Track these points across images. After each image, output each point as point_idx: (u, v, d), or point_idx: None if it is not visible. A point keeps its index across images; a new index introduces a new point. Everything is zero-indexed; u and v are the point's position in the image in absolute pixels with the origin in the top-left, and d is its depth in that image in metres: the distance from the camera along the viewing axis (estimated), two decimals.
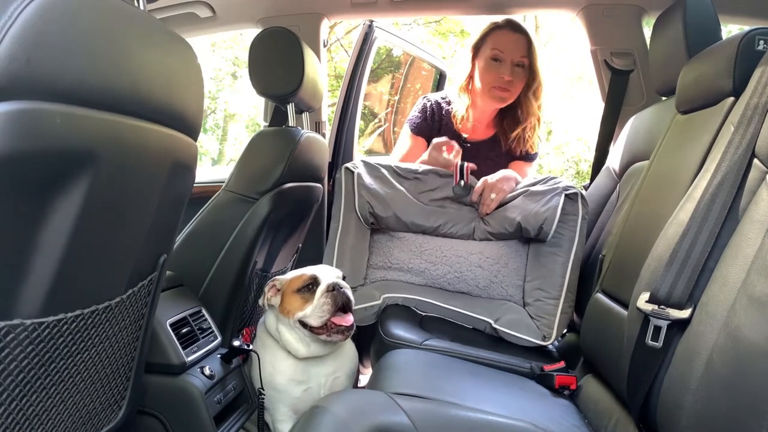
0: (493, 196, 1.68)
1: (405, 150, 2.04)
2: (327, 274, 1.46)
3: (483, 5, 2.13)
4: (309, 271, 1.48)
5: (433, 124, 2.01)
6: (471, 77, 1.93)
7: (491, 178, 1.71)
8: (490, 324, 1.56)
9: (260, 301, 1.52)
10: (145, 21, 0.84)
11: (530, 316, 1.61)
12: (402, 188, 1.72)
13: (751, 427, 0.67)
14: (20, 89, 0.61)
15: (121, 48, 0.77)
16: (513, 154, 1.99)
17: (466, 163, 1.74)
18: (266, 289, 1.50)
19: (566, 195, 1.61)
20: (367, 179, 1.71)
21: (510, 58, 1.85)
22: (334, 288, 1.42)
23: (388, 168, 1.76)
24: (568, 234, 1.61)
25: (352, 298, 1.44)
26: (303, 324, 1.43)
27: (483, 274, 1.68)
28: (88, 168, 0.73)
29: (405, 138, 2.07)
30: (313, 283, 1.44)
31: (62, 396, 0.84)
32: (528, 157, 2.01)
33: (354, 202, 1.70)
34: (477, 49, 1.91)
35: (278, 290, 1.49)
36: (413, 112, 2.06)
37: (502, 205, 1.69)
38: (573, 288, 1.60)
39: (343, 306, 1.42)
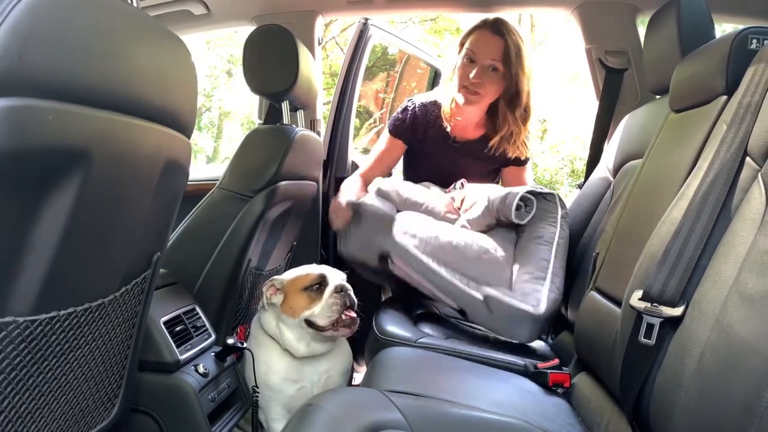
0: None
1: (378, 150, 2.05)
2: (334, 274, 1.47)
3: (477, 3, 2.13)
4: (315, 270, 1.48)
5: (415, 127, 1.98)
6: (454, 71, 1.91)
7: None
8: (480, 298, 1.53)
9: (261, 302, 1.51)
10: (138, 18, 0.84)
11: (518, 296, 1.58)
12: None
13: (742, 423, 0.67)
14: (12, 86, 0.61)
15: (114, 45, 0.77)
16: (504, 156, 1.97)
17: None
18: (265, 288, 1.49)
19: (542, 194, 1.64)
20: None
21: (481, 60, 1.82)
22: (342, 289, 1.43)
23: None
24: (549, 228, 1.64)
25: (356, 300, 1.45)
26: (308, 323, 1.43)
27: (473, 248, 1.67)
28: (81, 165, 0.72)
29: (382, 138, 2.07)
30: (321, 282, 1.44)
31: (55, 394, 0.84)
32: (520, 162, 2.01)
33: None
34: (461, 45, 1.90)
35: (277, 289, 1.48)
36: (395, 113, 2.05)
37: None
38: (558, 273, 1.59)
39: (349, 308, 1.43)
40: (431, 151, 2.01)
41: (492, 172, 2.06)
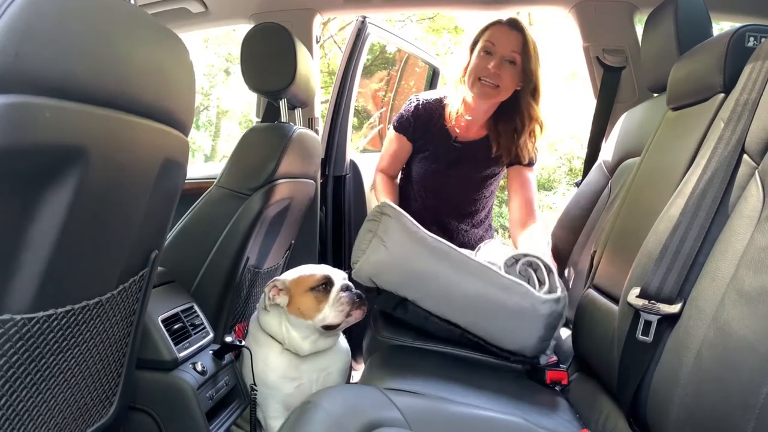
0: None
1: (389, 147, 2.05)
2: (337, 274, 1.48)
3: (477, 1, 2.13)
4: (319, 270, 1.49)
5: (417, 123, 1.97)
6: (466, 70, 1.88)
7: None
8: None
9: (263, 303, 1.50)
10: (136, 16, 0.84)
11: None
12: None
13: (738, 420, 0.68)
14: (8, 83, 0.61)
15: (111, 42, 0.77)
16: (515, 160, 1.96)
17: None
18: (267, 290, 1.49)
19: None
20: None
21: (501, 51, 1.80)
22: (347, 288, 1.45)
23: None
24: None
25: (362, 293, 1.47)
26: (325, 327, 1.45)
27: None
28: (78, 163, 0.72)
29: (389, 136, 2.08)
30: (327, 282, 1.45)
31: (53, 392, 0.84)
32: (530, 162, 1.98)
33: None
34: (475, 43, 1.88)
35: (280, 290, 1.48)
36: (401, 111, 2.04)
37: None
38: None
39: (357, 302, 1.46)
40: (431, 150, 2.00)
41: (489, 176, 2.04)
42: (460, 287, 1.32)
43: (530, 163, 1.98)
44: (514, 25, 1.84)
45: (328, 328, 1.46)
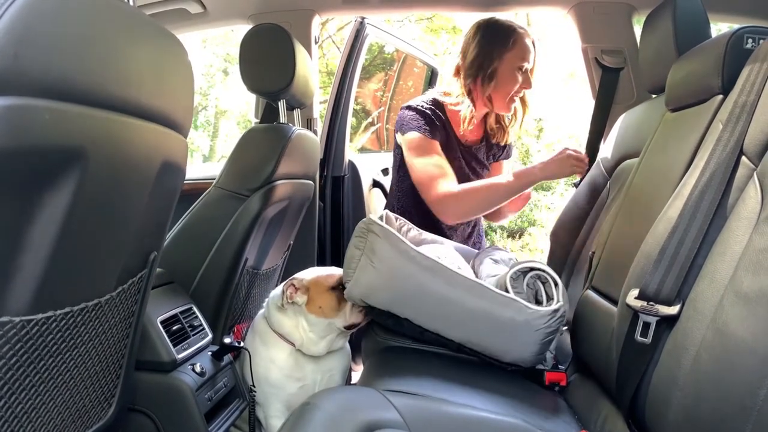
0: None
1: (438, 160, 1.81)
2: None
3: (475, 2, 2.13)
4: (335, 271, 1.49)
5: (437, 128, 1.88)
6: (483, 78, 1.81)
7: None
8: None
9: (279, 301, 1.48)
10: (134, 17, 0.84)
11: None
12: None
13: (736, 421, 0.68)
14: (8, 85, 0.61)
15: (110, 44, 0.77)
16: (501, 154, 2.00)
17: None
18: (284, 288, 1.48)
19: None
20: None
21: (530, 69, 1.85)
22: None
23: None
24: None
25: None
26: (348, 327, 1.46)
27: None
28: (77, 164, 0.72)
29: (427, 150, 1.82)
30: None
31: (51, 394, 0.84)
32: (507, 152, 2.04)
33: None
34: (503, 51, 1.80)
35: (297, 289, 1.47)
36: (417, 119, 1.85)
37: None
38: None
39: None
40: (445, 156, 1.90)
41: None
42: (452, 304, 1.30)
43: (508, 155, 2.04)
44: (528, 34, 1.86)
45: (350, 327, 1.47)
